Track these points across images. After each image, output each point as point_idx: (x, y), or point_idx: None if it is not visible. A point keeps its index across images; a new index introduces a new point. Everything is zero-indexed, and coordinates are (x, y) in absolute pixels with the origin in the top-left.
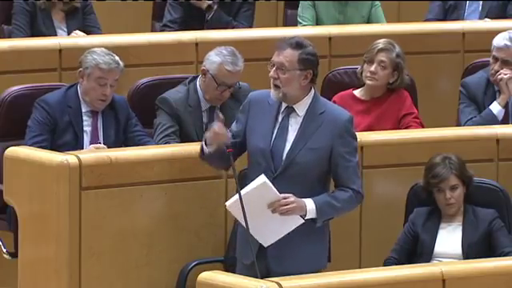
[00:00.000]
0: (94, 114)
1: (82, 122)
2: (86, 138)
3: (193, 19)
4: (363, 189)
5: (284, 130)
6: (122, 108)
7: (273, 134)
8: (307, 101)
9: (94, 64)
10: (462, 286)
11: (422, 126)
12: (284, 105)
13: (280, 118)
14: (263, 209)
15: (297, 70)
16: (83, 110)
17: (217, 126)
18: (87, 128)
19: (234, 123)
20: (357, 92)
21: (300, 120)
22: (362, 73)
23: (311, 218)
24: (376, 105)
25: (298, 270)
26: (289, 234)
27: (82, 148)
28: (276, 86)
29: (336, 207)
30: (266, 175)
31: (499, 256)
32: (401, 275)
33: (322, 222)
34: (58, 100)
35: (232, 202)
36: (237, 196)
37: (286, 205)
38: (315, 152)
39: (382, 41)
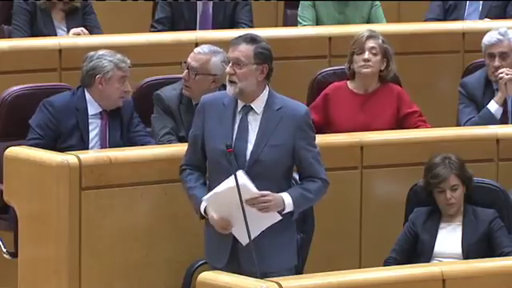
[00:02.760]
0: (102, 116)
1: (89, 124)
2: (93, 140)
3: (181, 19)
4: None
5: (244, 129)
6: (126, 108)
7: (233, 134)
8: (263, 98)
9: (114, 65)
10: (462, 286)
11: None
12: (240, 104)
13: (238, 118)
14: (239, 206)
15: (253, 65)
16: (90, 113)
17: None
18: (94, 130)
19: (192, 129)
20: (350, 84)
21: (259, 118)
22: (350, 68)
23: (288, 212)
24: (370, 101)
25: (272, 268)
26: (259, 234)
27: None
28: (232, 82)
29: (309, 198)
30: (230, 176)
31: (499, 256)
32: (401, 275)
33: (297, 214)
34: (65, 103)
35: (208, 197)
36: (211, 193)
37: (264, 202)
38: (278, 148)
39: (364, 30)
